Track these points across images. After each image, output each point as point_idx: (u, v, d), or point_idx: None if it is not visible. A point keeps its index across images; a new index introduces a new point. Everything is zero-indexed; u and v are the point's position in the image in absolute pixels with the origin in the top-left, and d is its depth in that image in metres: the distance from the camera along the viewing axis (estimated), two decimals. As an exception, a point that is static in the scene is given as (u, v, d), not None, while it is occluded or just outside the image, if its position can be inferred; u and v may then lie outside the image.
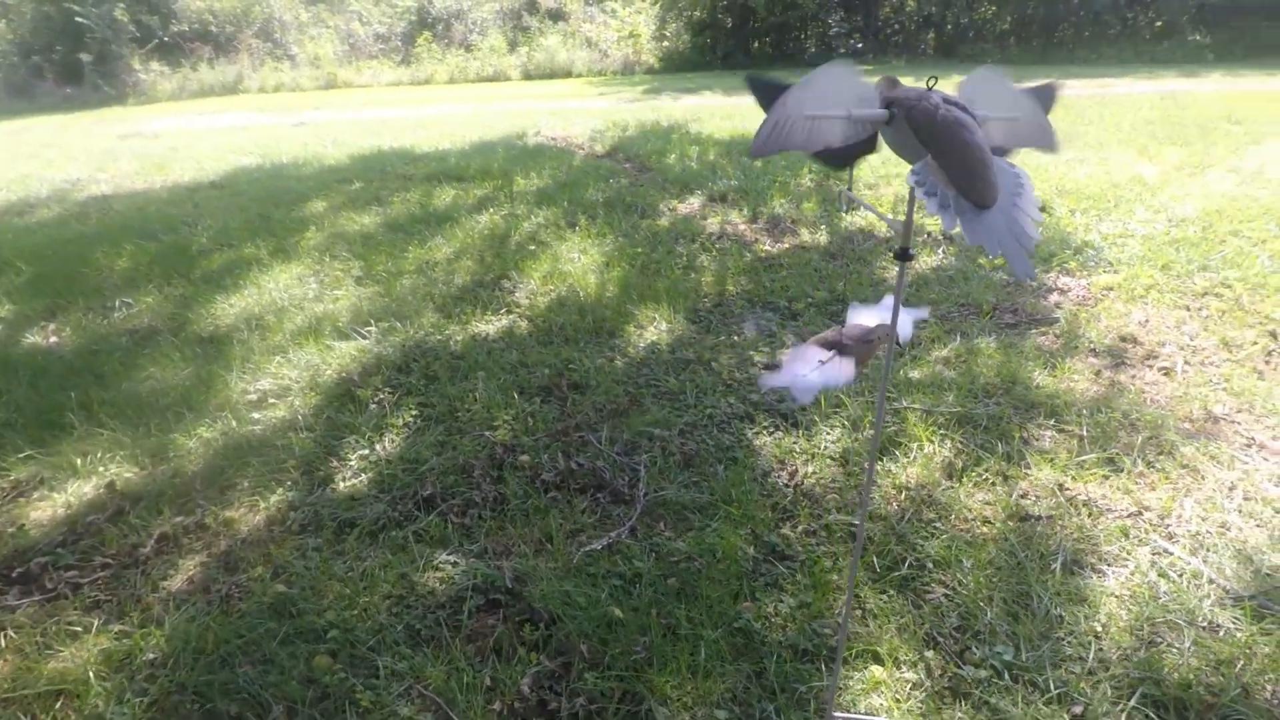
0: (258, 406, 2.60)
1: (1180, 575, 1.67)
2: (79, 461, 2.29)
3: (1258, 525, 1.82)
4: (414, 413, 2.51)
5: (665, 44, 17.42)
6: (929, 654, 1.50)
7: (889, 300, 1.43)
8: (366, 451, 2.31)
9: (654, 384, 2.65)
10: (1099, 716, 1.35)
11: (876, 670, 1.47)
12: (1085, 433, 2.20)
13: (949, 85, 0.95)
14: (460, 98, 12.97)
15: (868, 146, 0.89)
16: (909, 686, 1.43)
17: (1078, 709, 1.37)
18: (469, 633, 1.62)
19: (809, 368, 1.28)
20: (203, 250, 4.35)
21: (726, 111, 9.12)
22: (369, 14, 17.51)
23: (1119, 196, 4.61)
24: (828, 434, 2.29)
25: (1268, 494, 1.93)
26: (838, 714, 1.34)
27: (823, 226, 4.31)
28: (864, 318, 1.29)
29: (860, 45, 16.62)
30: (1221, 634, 1.51)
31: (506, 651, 1.57)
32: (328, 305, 3.43)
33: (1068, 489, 1.97)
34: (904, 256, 0.94)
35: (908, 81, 0.94)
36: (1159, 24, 16.28)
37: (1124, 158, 5.59)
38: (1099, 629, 1.54)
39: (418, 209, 5.03)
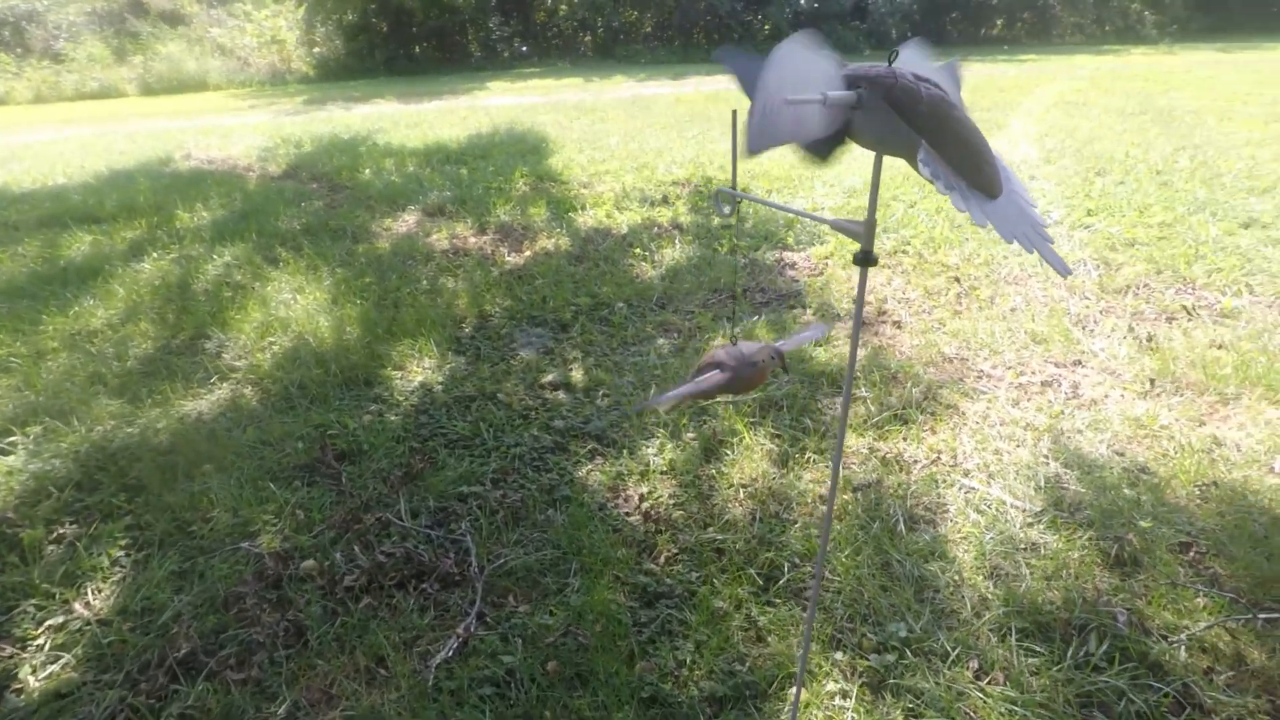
0: None
1: (990, 506, 1.86)
2: None
3: (1018, 445, 2.11)
4: (123, 543, 1.85)
5: (317, 50, 15.92)
6: (838, 655, 1.45)
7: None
8: (60, 619, 1.64)
9: (440, 432, 2.30)
10: (993, 663, 1.42)
11: (803, 695, 1.38)
12: (867, 394, 2.38)
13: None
14: (60, 119, 10.45)
15: (842, 136, 0.75)
16: (835, 699, 1.37)
17: (974, 663, 1.43)
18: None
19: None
20: None
21: (411, 119, 8.57)
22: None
23: (800, 175, 5.22)
24: (649, 447, 2.17)
25: (1011, 415, 2.25)
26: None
27: (558, 230, 4.20)
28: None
29: (525, 48, 16.90)
30: (1041, 551, 1.70)
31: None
32: (-70, 418, 2.42)
33: (878, 450, 2.10)
34: (866, 261, 0.82)
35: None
36: (767, 26, 19.04)
37: (789, 141, 6.37)
38: (957, 578, 1.64)
39: (41, 264, 3.85)
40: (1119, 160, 5.14)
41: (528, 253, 3.89)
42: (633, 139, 6.69)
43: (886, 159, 0.80)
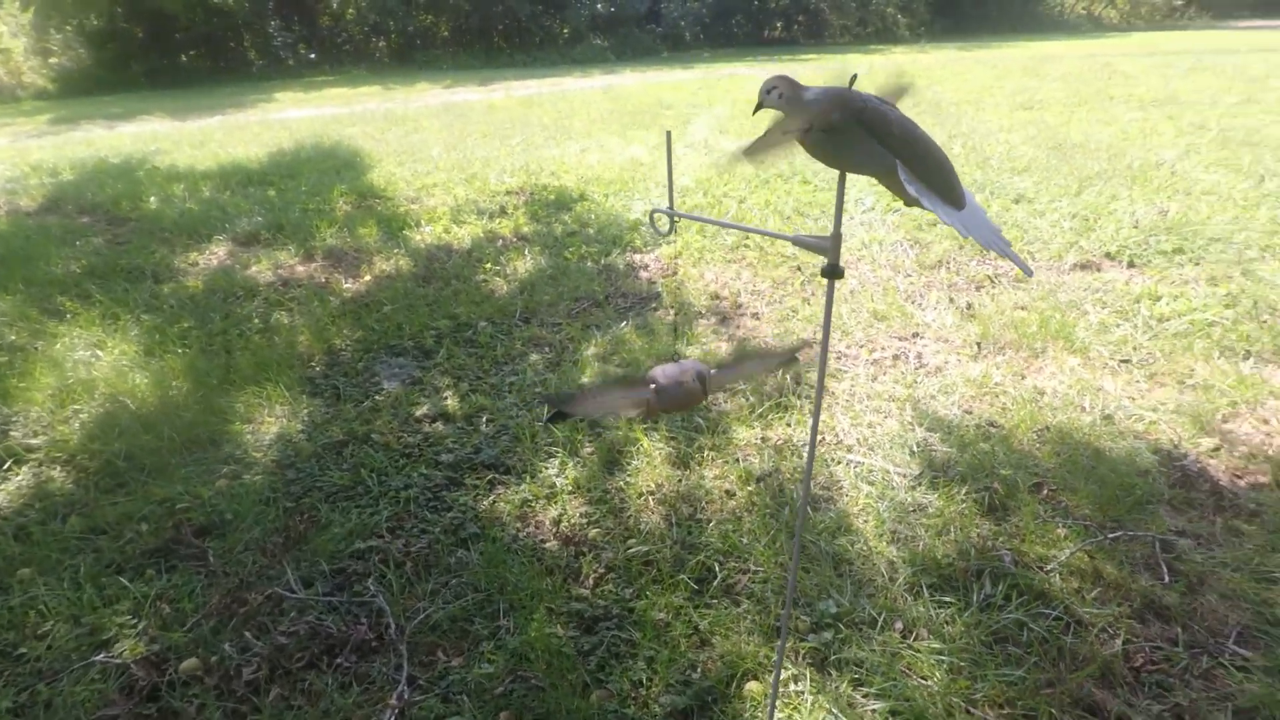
0: None
1: (876, 476, 2.02)
2: None
3: (886, 416, 2.31)
4: (-70, 682, 1.50)
5: (54, 60, 13.80)
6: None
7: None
8: None
9: (315, 486, 2.09)
10: (915, 621, 1.55)
11: (755, 686, 1.42)
12: (744, 386, 2.49)
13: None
14: None
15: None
16: (790, 688, 1.42)
17: (899, 624, 1.55)
18: None
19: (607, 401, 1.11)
20: None
21: (194, 138, 7.69)
22: None
23: (630, 177, 5.33)
24: (549, 468, 2.12)
25: (873, 389, 2.46)
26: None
27: (396, 250, 3.97)
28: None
29: (313, 55, 15.74)
30: (929, 511, 1.87)
31: None
32: None
33: (769, 439, 2.20)
34: (833, 274, 0.85)
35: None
36: (566, 30, 19.22)
37: (614, 144, 6.48)
38: (865, 549, 1.76)
39: None
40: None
41: (367, 277, 3.64)
42: (455, 149, 6.48)
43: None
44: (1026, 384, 2.43)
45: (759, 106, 0.82)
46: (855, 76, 0.77)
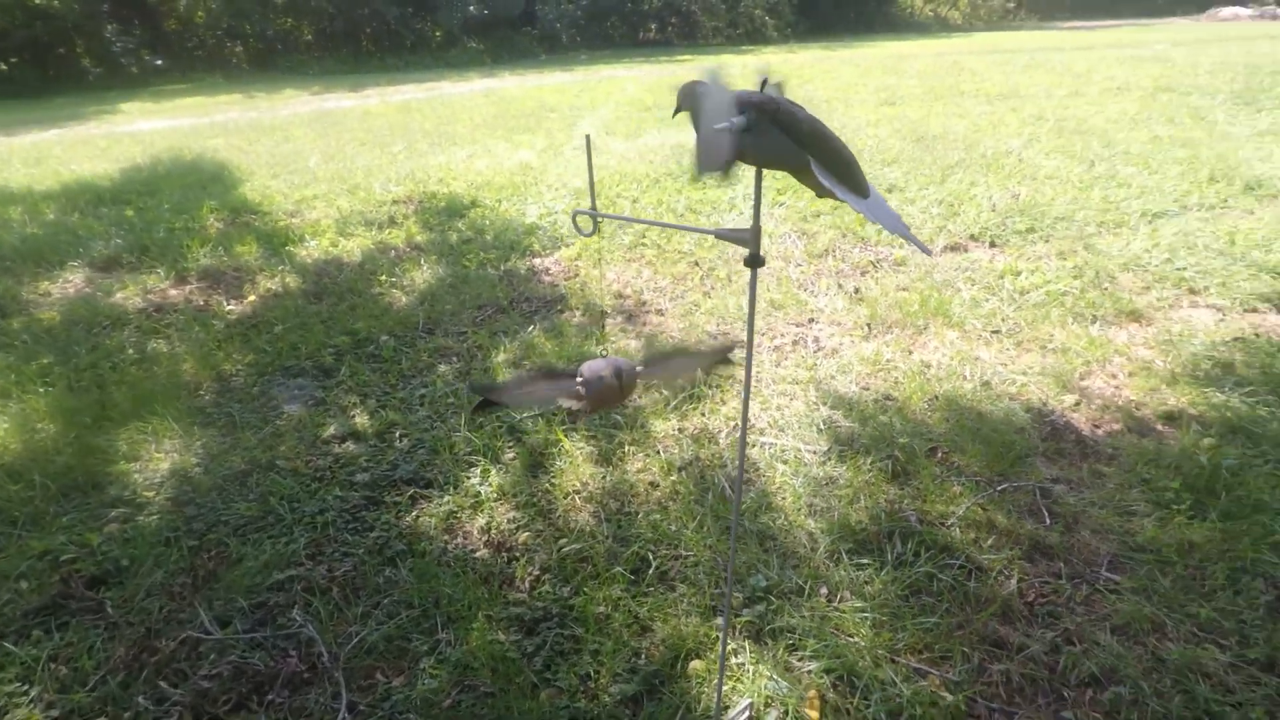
0: None
1: (790, 455, 2.13)
2: None
3: (792, 399, 2.43)
4: None
5: None
6: (719, 621, 1.58)
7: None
8: None
9: (220, 521, 1.98)
10: (838, 585, 1.66)
11: (698, 664, 1.48)
12: (680, 383, 2.56)
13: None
14: None
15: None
16: (731, 660, 1.49)
17: (824, 590, 1.65)
18: None
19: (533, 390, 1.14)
20: None
21: (27, 154, 6.98)
22: None
23: (521, 181, 5.30)
24: (471, 477, 2.10)
25: (778, 374, 2.59)
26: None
27: (281, 267, 3.78)
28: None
29: (160, 61, 14.59)
30: (841, 482, 2.00)
31: None
32: None
33: (686, 429, 2.28)
34: (755, 262, 0.91)
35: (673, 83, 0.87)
36: (438, 33, 18.78)
37: (502, 148, 6.42)
38: (786, 523, 1.86)
39: None
40: (784, 144, 6.05)
41: (252, 297, 3.45)
42: (333, 158, 6.21)
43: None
44: (914, 359, 2.62)
45: (678, 109, 0.87)
46: (765, 80, 0.83)
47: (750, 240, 0.89)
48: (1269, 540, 1.66)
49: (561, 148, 6.37)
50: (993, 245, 3.67)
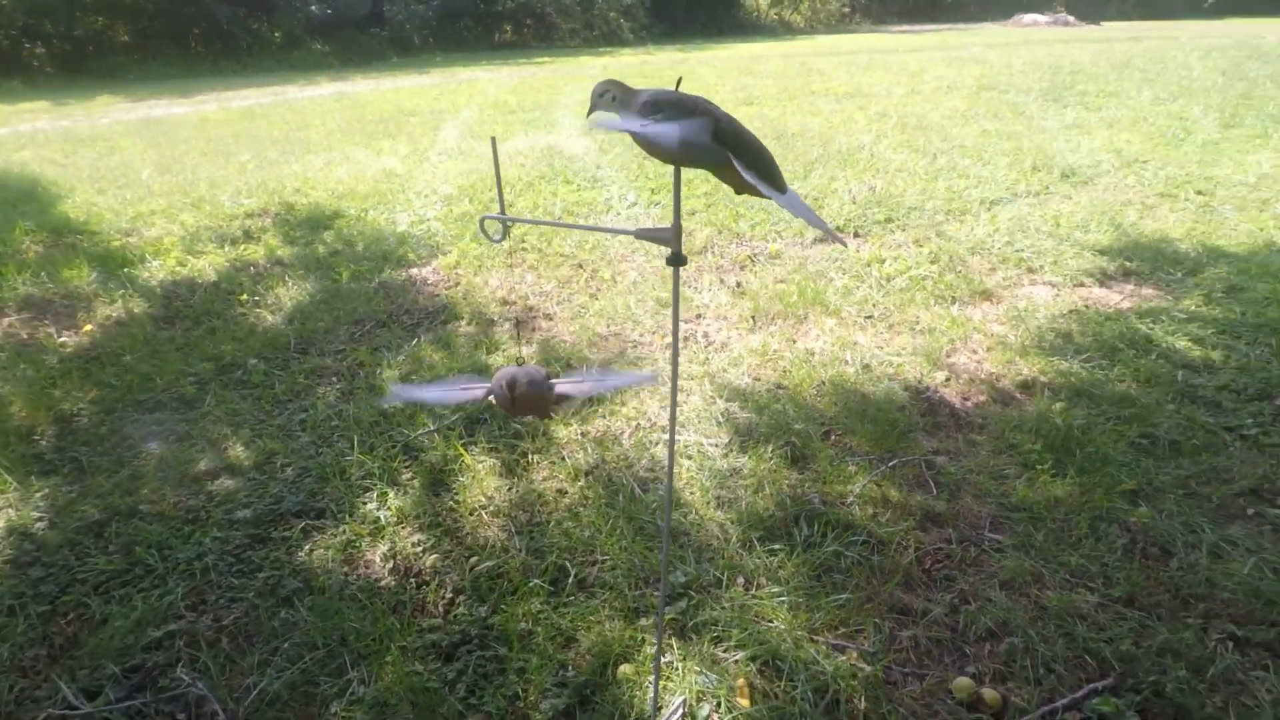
0: None
1: (693, 450, 2.16)
2: None
3: (689, 395, 2.48)
4: None
5: None
6: (643, 622, 1.58)
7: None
8: None
9: (78, 580, 1.76)
10: (754, 572, 1.70)
11: (627, 668, 1.47)
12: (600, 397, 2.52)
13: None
14: None
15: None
16: (664, 660, 1.49)
17: (740, 580, 1.69)
18: None
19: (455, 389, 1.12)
20: None
21: None
22: None
23: (386, 189, 5.07)
24: (367, 503, 1.98)
25: (683, 371, 2.62)
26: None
27: (121, 291, 3.40)
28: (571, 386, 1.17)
29: (-58, 65, 12.77)
30: (744, 472, 2.05)
31: None
32: None
33: (588, 433, 2.26)
34: (677, 261, 0.90)
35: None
36: (278, 35, 17.63)
37: (362, 155, 6.10)
38: (697, 518, 1.89)
39: None
40: (654, 145, 6.15)
41: (90, 327, 3.08)
42: (170, 170, 5.68)
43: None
44: (798, 347, 2.74)
45: (593, 109, 0.85)
46: (680, 79, 0.83)
47: (672, 239, 0.90)
48: (1118, 490, 1.87)
49: (426, 153, 6.16)
50: (857, 235, 3.90)
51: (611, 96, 0.83)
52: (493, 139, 1.01)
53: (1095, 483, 1.90)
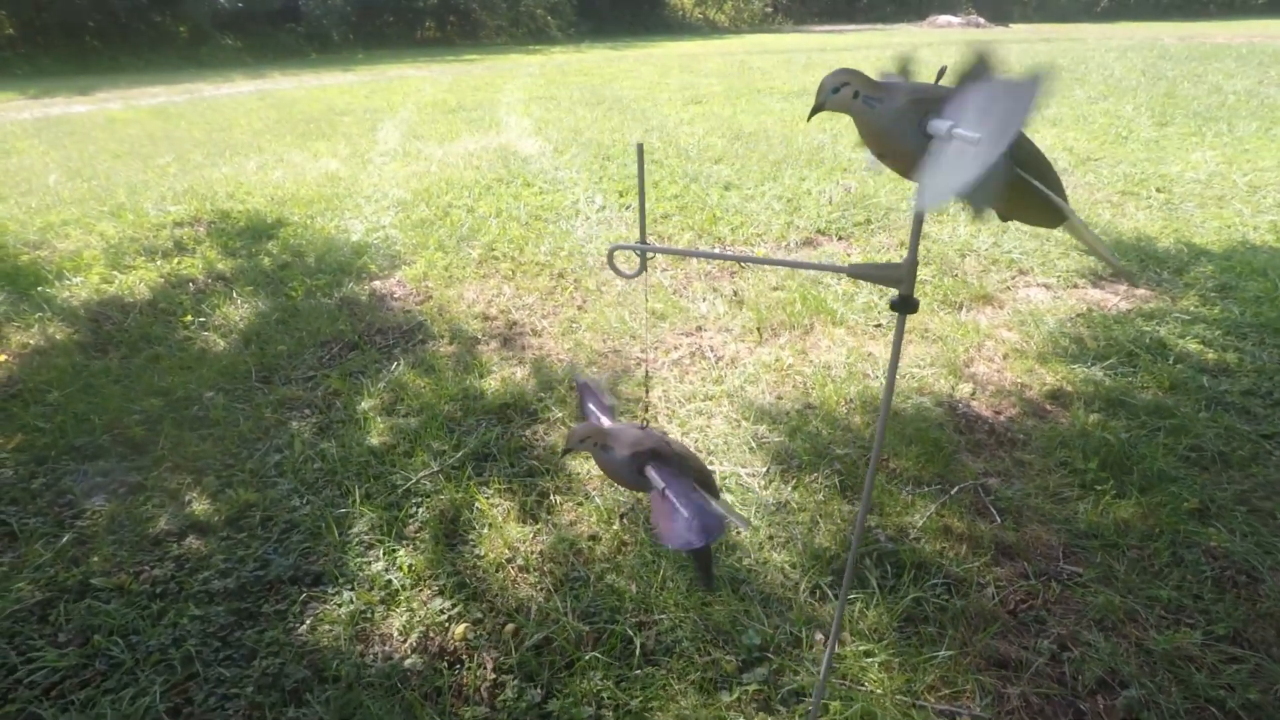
0: None
1: (730, 481, 1.98)
2: None
3: (710, 417, 2.29)
4: None
5: None
6: (725, 697, 1.38)
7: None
8: None
9: (20, 683, 1.44)
10: (831, 624, 1.53)
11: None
12: (560, 413, 2.29)
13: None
14: None
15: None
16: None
17: (819, 635, 1.52)
18: None
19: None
20: None
21: None
22: None
23: (331, 193, 4.69)
24: (374, 563, 1.72)
25: (687, 391, 2.43)
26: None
27: (38, 315, 2.97)
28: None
29: None
30: (793, 505, 1.89)
31: None
32: None
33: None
34: (905, 307, 0.72)
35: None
36: (183, 29, 16.52)
37: (298, 157, 5.66)
38: (748, 565, 1.71)
39: None
40: (609, 145, 5.93)
41: (2, 356, 2.66)
42: (81, 175, 5.11)
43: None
44: (812, 360, 2.60)
45: (818, 108, 0.66)
46: (944, 69, 0.65)
47: (904, 277, 0.71)
48: (1184, 509, 1.80)
49: (368, 155, 5.76)
50: (840, 238, 3.81)
51: (854, 92, 0.64)
52: (639, 145, 0.80)
53: (1159, 502, 1.82)
